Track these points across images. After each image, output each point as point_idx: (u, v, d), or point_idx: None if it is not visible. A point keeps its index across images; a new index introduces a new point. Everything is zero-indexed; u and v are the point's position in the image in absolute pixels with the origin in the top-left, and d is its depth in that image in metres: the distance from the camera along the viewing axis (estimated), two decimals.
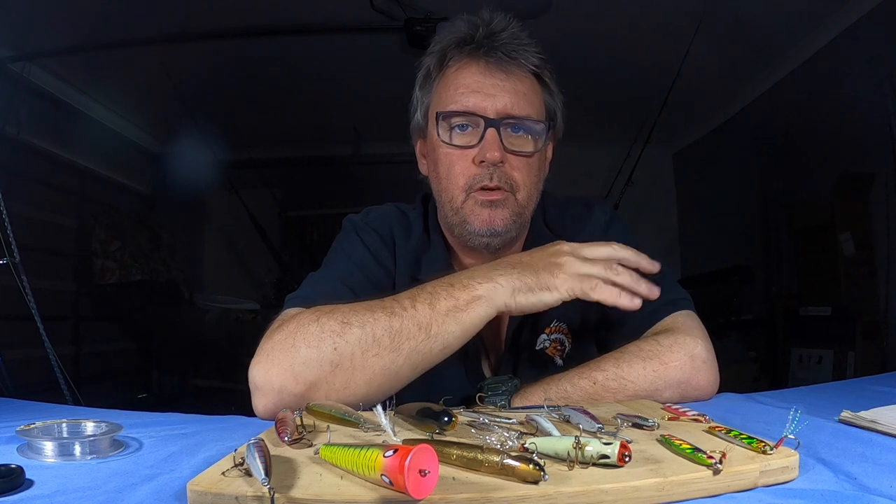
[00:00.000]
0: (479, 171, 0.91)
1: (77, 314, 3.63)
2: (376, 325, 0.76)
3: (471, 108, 0.91)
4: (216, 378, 3.70)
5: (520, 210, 0.93)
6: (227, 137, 3.99)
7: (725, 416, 0.68)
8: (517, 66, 0.93)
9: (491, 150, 0.89)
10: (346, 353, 0.75)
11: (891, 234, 2.75)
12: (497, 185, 0.91)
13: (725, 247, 4.41)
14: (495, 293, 0.77)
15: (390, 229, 1.02)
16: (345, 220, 1.05)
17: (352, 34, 3.22)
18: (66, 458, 0.61)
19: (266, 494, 0.44)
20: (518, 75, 0.93)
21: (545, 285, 0.79)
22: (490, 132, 0.90)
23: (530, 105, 0.93)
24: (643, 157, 3.44)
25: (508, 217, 0.92)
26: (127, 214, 4.09)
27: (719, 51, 3.24)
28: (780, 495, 0.47)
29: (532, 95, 0.94)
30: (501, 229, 0.92)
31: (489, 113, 0.91)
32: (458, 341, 0.77)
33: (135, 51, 3.15)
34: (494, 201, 0.91)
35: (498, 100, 0.91)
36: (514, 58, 0.92)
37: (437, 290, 0.78)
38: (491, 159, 0.89)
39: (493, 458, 0.48)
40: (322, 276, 0.95)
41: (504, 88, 0.91)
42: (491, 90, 0.91)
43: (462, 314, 0.76)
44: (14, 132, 3.03)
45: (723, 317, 3.88)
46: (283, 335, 0.79)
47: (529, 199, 0.95)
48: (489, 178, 0.90)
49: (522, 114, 0.92)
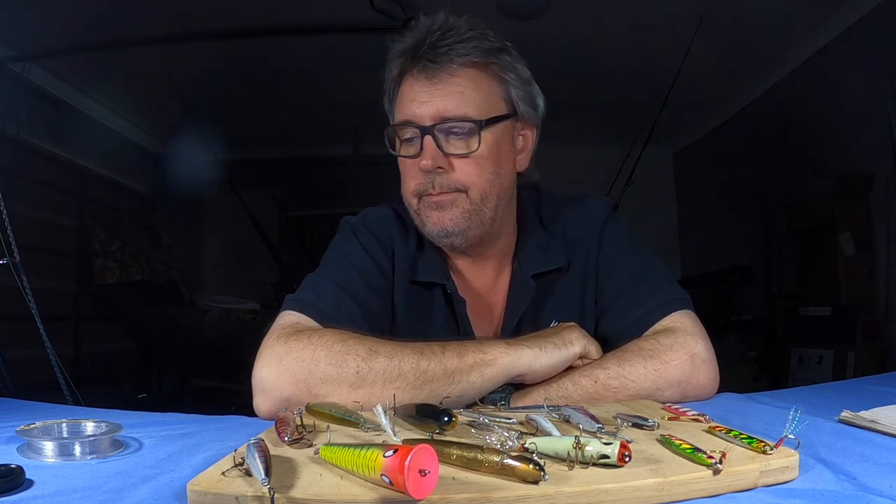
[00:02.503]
0: (423, 178, 0.92)
1: (77, 314, 3.64)
2: (405, 360, 0.77)
3: (408, 118, 0.93)
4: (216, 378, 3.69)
5: (474, 208, 0.93)
6: (227, 137, 3.99)
7: (725, 416, 0.68)
8: (451, 65, 0.91)
9: (424, 159, 0.91)
10: (368, 379, 0.76)
11: (891, 234, 2.76)
12: (440, 192, 0.92)
13: (725, 247, 4.41)
14: (521, 355, 0.80)
15: (388, 233, 1.02)
16: (342, 221, 1.05)
17: (352, 34, 3.22)
18: (66, 458, 0.61)
19: (266, 494, 0.44)
20: (455, 74, 0.91)
21: (568, 341, 0.84)
22: (426, 140, 0.91)
23: (469, 103, 0.91)
24: (643, 157, 3.44)
25: (459, 216, 0.93)
26: (127, 214, 4.09)
27: (719, 51, 3.24)
28: (780, 495, 0.47)
29: (472, 92, 0.92)
30: (453, 228, 0.93)
31: (425, 120, 0.91)
32: (476, 394, 0.79)
33: (135, 51, 3.15)
34: (439, 202, 0.93)
35: (430, 106, 0.91)
36: (443, 61, 0.91)
37: (466, 345, 0.81)
38: (424, 167, 0.91)
39: (493, 458, 0.48)
40: (320, 279, 0.95)
41: (437, 93, 0.91)
42: (424, 97, 0.91)
43: (486, 368, 0.79)
44: (14, 132, 3.03)
45: (723, 317, 3.88)
46: (301, 344, 0.79)
47: (486, 196, 0.93)
48: (431, 185, 0.92)
49: (458, 114, 0.91)
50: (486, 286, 1.02)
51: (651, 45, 3.27)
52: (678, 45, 2.99)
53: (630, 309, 0.93)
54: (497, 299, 1.02)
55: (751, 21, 3.02)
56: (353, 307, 0.91)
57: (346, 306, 0.90)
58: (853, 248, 2.91)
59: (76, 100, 3.59)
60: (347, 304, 0.90)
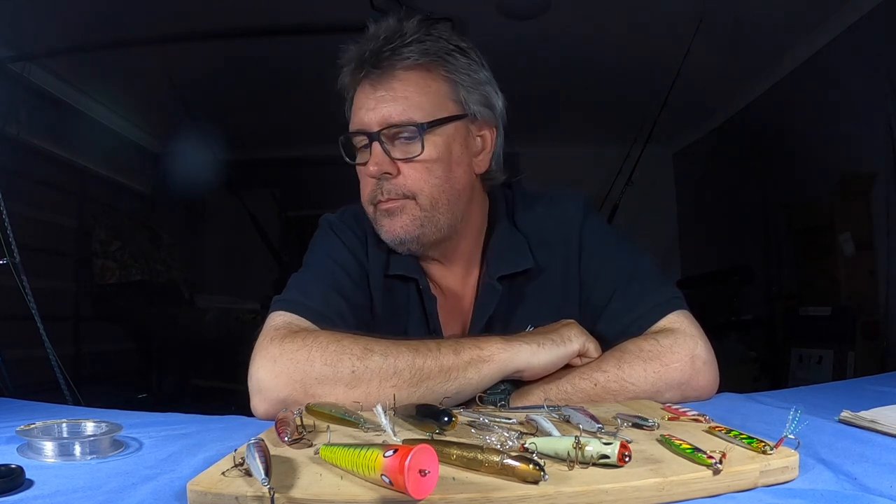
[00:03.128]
0: (372, 185, 0.93)
1: (77, 314, 3.64)
2: (400, 358, 0.77)
3: (357, 127, 0.93)
4: (216, 378, 3.69)
5: (424, 213, 0.92)
6: (227, 137, 3.99)
7: (725, 416, 0.68)
8: (394, 70, 0.91)
9: (371, 165, 0.91)
10: (364, 377, 0.76)
11: (891, 234, 2.75)
12: (388, 198, 0.92)
13: (725, 247, 4.41)
14: (518, 352, 0.80)
15: (364, 229, 1.02)
16: (321, 219, 1.06)
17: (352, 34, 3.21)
18: (66, 458, 0.61)
19: (266, 494, 0.44)
20: (398, 79, 0.91)
21: (567, 338, 0.84)
22: (374, 146, 0.91)
23: (414, 107, 0.90)
24: (643, 157, 3.44)
25: (409, 223, 0.92)
26: (127, 214, 4.09)
27: (719, 51, 3.24)
28: (780, 495, 0.47)
29: (417, 96, 0.91)
30: (405, 236, 0.93)
31: (372, 127, 0.91)
32: (472, 390, 0.79)
33: (135, 51, 3.15)
34: (389, 210, 0.93)
35: (376, 112, 0.90)
36: (386, 67, 0.91)
37: (462, 341, 0.81)
38: (369, 173, 0.91)
39: (493, 458, 0.48)
40: (306, 278, 0.95)
41: (383, 99, 0.91)
42: (372, 105, 0.91)
43: (483, 365, 0.78)
44: (14, 132, 3.03)
45: (723, 317, 3.88)
46: (296, 345, 0.79)
47: (436, 201, 0.92)
48: (380, 192, 0.92)
49: (402, 119, 0.90)
50: (455, 286, 1.02)
51: (651, 45, 3.27)
52: (678, 45, 2.99)
53: (624, 312, 0.91)
54: (466, 300, 1.01)
55: (751, 21, 3.02)
56: (340, 303, 0.91)
57: (333, 303, 0.91)
58: (853, 248, 2.91)
59: (76, 100, 3.59)
60: (335, 301, 0.91)
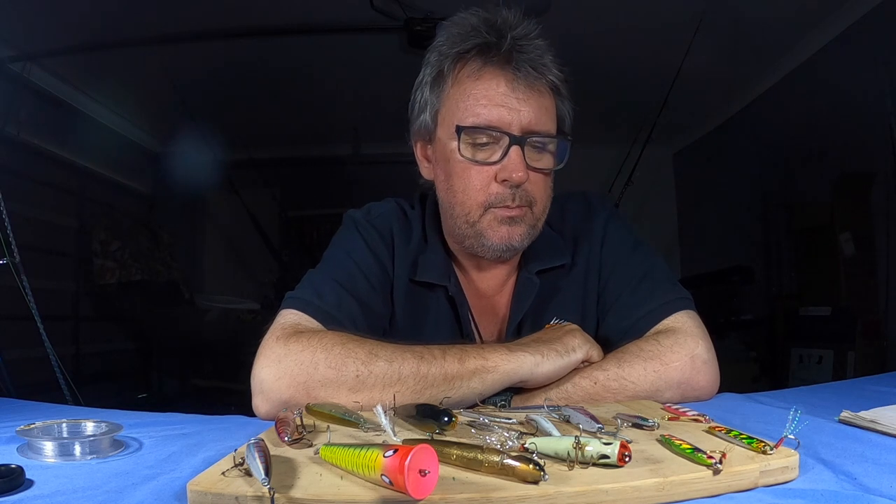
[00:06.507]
0: (501, 189, 0.88)
1: (77, 314, 3.63)
2: (405, 364, 0.76)
3: (494, 123, 0.88)
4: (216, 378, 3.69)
5: (535, 223, 0.93)
6: (227, 137, 3.99)
7: (725, 416, 0.68)
8: (542, 80, 0.90)
9: (516, 171, 0.86)
10: (368, 383, 0.76)
11: (891, 234, 2.75)
12: (519, 205, 0.90)
13: (725, 247, 4.41)
14: (522, 362, 0.79)
15: (391, 229, 1.00)
16: (346, 214, 1.03)
17: (352, 34, 3.22)
18: (66, 458, 0.61)
19: (266, 494, 0.44)
20: (541, 89, 0.90)
21: (571, 347, 0.83)
22: (514, 150, 0.87)
23: (552, 120, 0.92)
24: (643, 157, 3.44)
25: (525, 232, 0.92)
26: (127, 214, 4.09)
27: (719, 51, 3.24)
28: (780, 495, 0.47)
29: (552, 110, 0.93)
30: (518, 244, 0.92)
31: (513, 129, 0.87)
32: (476, 398, 0.78)
33: (135, 51, 3.15)
34: (514, 218, 0.90)
35: (523, 115, 0.87)
36: (541, 73, 0.89)
37: (467, 349, 0.80)
38: (517, 180, 0.87)
39: (493, 458, 0.48)
40: (322, 276, 0.93)
41: (528, 103, 0.88)
42: (515, 105, 0.87)
43: (487, 375, 0.78)
44: (14, 132, 3.03)
45: (723, 317, 3.88)
46: (301, 346, 0.78)
47: (544, 211, 0.95)
48: (511, 198, 0.89)
49: (545, 129, 0.90)
50: (493, 286, 1.02)
51: (651, 45, 3.27)
52: (678, 45, 2.99)
53: (632, 309, 0.92)
54: (502, 299, 1.01)
55: (751, 21, 3.02)
56: (353, 306, 0.90)
57: (346, 305, 0.89)
58: (853, 248, 2.91)
59: (76, 100, 3.58)
60: (348, 303, 0.89)
